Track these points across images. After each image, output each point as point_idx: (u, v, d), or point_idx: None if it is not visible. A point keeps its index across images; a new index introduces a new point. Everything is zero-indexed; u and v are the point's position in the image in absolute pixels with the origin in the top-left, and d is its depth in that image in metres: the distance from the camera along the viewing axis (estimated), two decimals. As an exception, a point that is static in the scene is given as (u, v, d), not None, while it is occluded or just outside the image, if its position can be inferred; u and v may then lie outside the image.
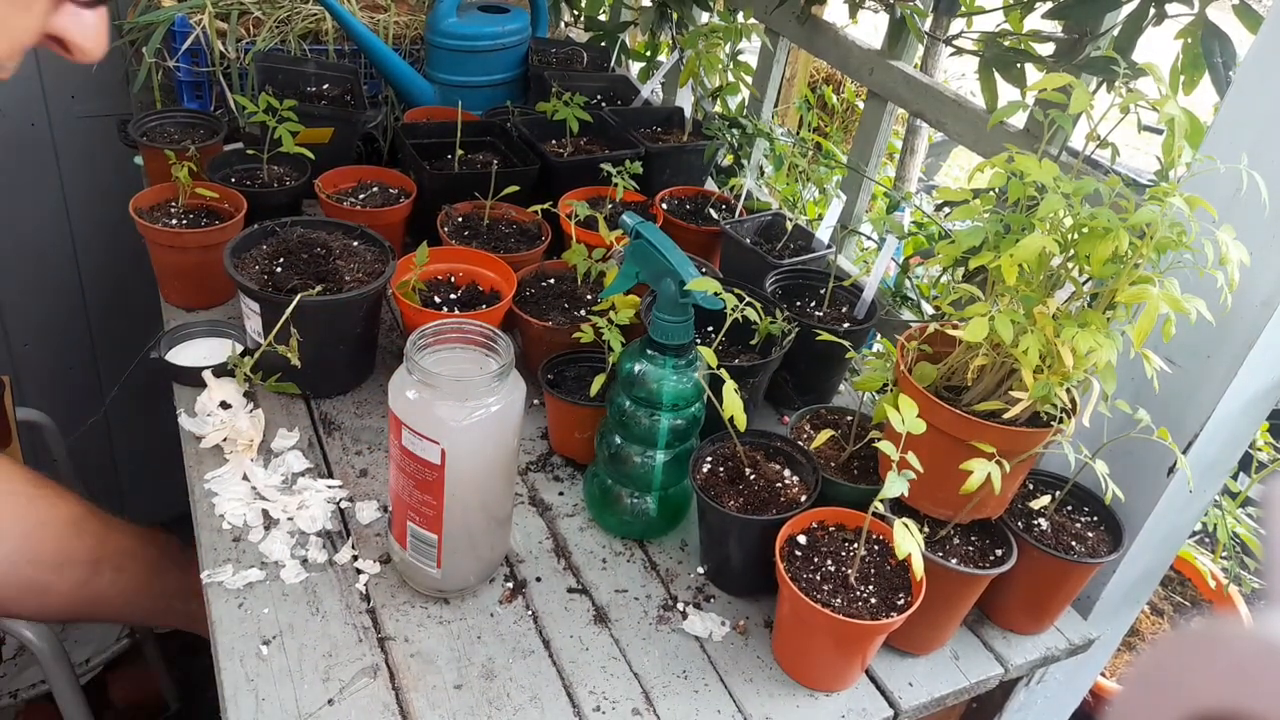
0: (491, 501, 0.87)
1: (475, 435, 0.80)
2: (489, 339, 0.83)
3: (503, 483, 0.87)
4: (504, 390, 0.80)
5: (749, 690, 0.86)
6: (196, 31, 1.52)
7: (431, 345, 0.82)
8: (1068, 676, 1.08)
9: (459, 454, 0.79)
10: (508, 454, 0.85)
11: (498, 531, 0.91)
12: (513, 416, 0.83)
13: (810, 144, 1.95)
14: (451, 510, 0.83)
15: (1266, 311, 0.84)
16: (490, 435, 0.81)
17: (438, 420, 0.77)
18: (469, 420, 0.78)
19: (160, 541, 1.14)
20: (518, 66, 1.68)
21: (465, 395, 0.78)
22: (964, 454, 0.78)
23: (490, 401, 0.79)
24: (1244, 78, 0.83)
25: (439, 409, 0.77)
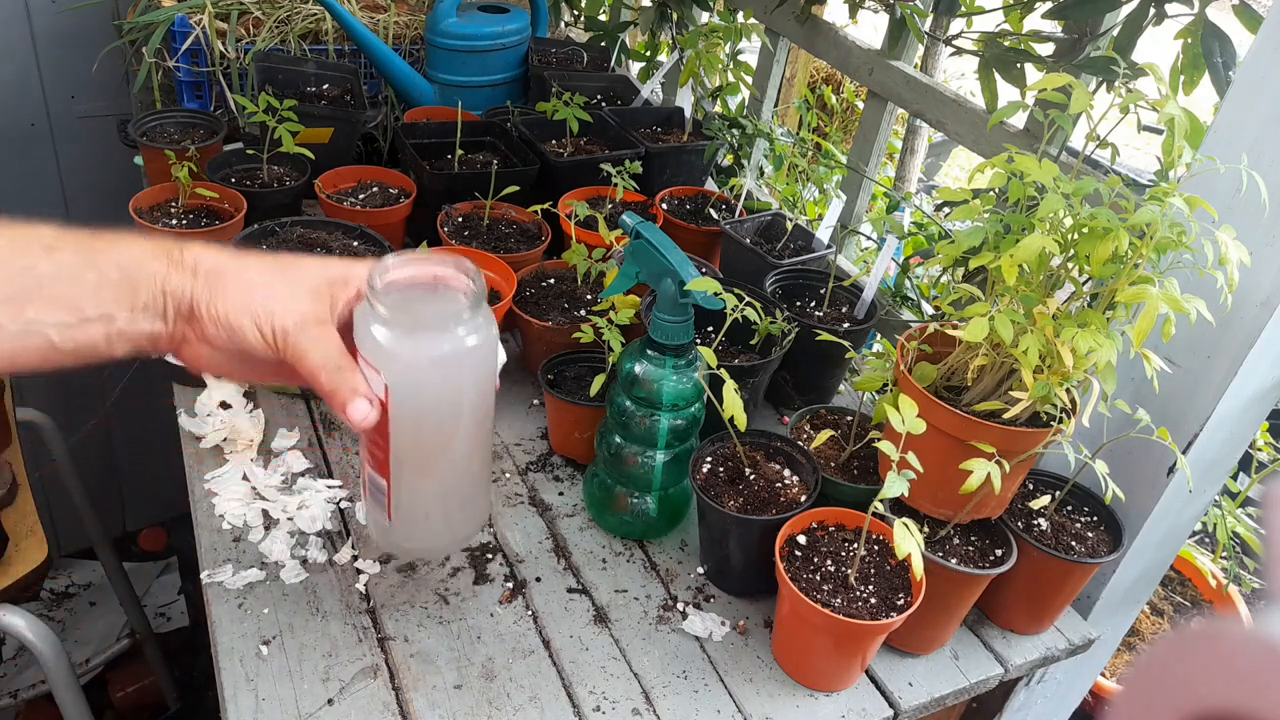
0: (451, 453, 0.76)
1: (425, 371, 0.69)
2: (444, 278, 0.73)
3: (464, 435, 0.75)
4: (470, 323, 0.70)
5: (749, 690, 0.86)
6: (196, 31, 1.52)
7: (393, 284, 0.71)
8: (1068, 676, 1.08)
9: (403, 389, 0.69)
10: (470, 401, 0.74)
11: (464, 492, 0.79)
12: (476, 358, 0.71)
13: (810, 144, 1.95)
14: (400, 455, 0.73)
15: (1266, 311, 0.84)
16: (446, 375, 0.71)
17: (381, 347, 0.67)
18: (415, 352, 0.68)
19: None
20: (518, 66, 1.69)
21: (415, 325, 0.68)
22: (964, 454, 0.78)
23: (452, 333, 0.69)
24: (1244, 78, 0.83)
25: (385, 335, 0.67)
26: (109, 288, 0.61)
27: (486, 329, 0.71)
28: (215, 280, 0.64)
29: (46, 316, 0.59)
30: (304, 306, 0.66)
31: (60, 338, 0.60)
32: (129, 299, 0.62)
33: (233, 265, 0.66)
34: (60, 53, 1.81)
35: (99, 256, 0.62)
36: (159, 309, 0.63)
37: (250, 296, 0.65)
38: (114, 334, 0.62)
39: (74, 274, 0.60)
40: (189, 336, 0.65)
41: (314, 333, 0.66)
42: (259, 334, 0.64)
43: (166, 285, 0.63)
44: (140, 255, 0.63)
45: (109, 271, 0.61)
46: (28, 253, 0.59)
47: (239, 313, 0.64)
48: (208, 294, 0.64)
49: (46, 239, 0.60)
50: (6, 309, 0.58)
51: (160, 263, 0.63)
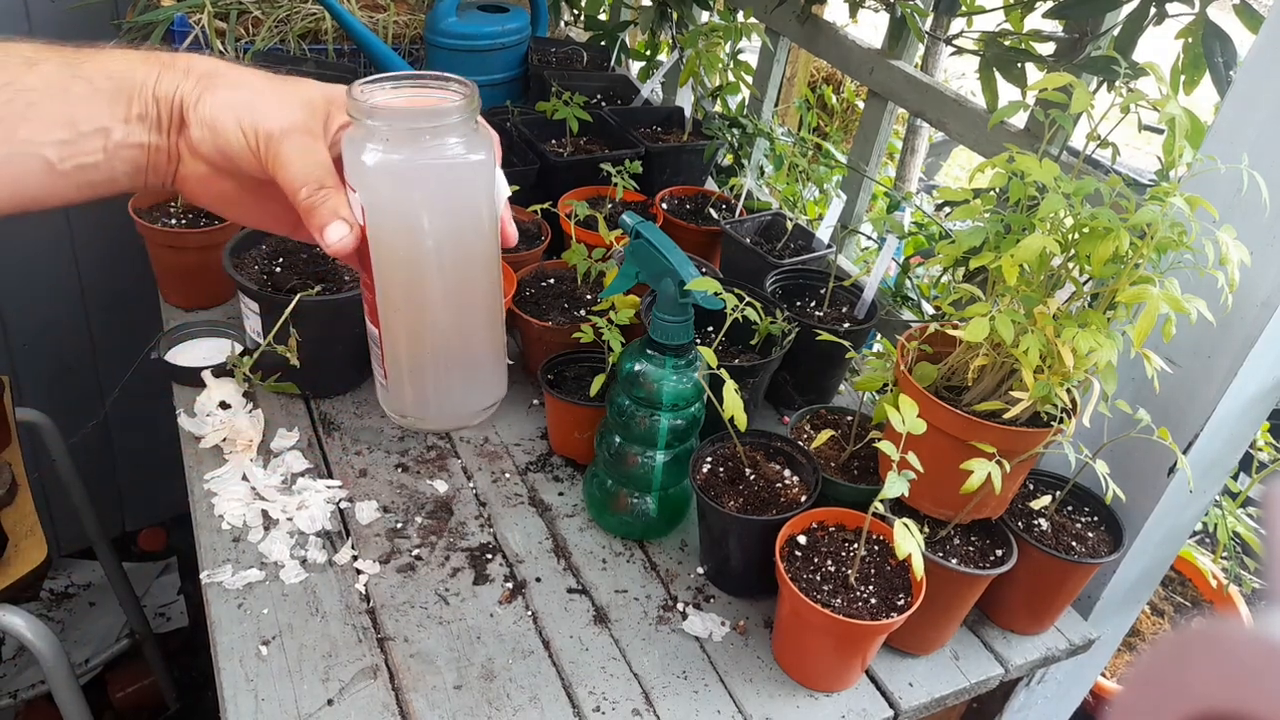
0: (442, 293, 0.66)
1: (402, 187, 0.61)
2: (444, 86, 0.65)
3: (456, 272, 0.65)
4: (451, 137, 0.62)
5: (749, 690, 0.86)
6: (196, 31, 1.52)
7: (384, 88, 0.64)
8: (1068, 677, 1.08)
9: (379, 208, 0.61)
10: (458, 230, 0.64)
11: (464, 352, 0.69)
12: (460, 175, 0.63)
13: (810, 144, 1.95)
14: (385, 293, 0.64)
15: (1267, 311, 0.84)
16: (428, 192, 0.62)
17: (354, 159, 0.60)
18: (389, 162, 0.60)
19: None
20: (518, 66, 1.68)
21: (386, 135, 0.60)
22: (964, 454, 0.78)
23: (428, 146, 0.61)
24: (1244, 77, 0.83)
25: (359, 146, 0.60)
26: (101, 98, 0.57)
27: (477, 147, 0.63)
28: (207, 80, 0.60)
29: (41, 135, 0.55)
30: (294, 115, 0.61)
31: (58, 157, 0.56)
32: (123, 109, 0.58)
33: (227, 68, 0.62)
34: (60, 52, 1.81)
35: (85, 66, 0.57)
36: (153, 117, 0.59)
37: (239, 95, 0.60)
38: (111, 149, 0.57)
39: (62, 86, 0.56)
40: (183, 152, 0.60)
41: (299, 142, 0.60)
42: (241, 135, 0.59)
43: (159, 89, 0.58)
44: (130, 62, 0.59)
45: (99, 81, 0.57)
46: (7, 68, 0.55)
47: (225, 111, 0.59)
48: (197, 93, 0.59)
49: (26, 52, 0.56)
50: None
51: (152, 67, 0.59)
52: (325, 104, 0.63)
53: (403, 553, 0.95)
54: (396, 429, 1.10)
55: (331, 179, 0.61)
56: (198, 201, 0.63)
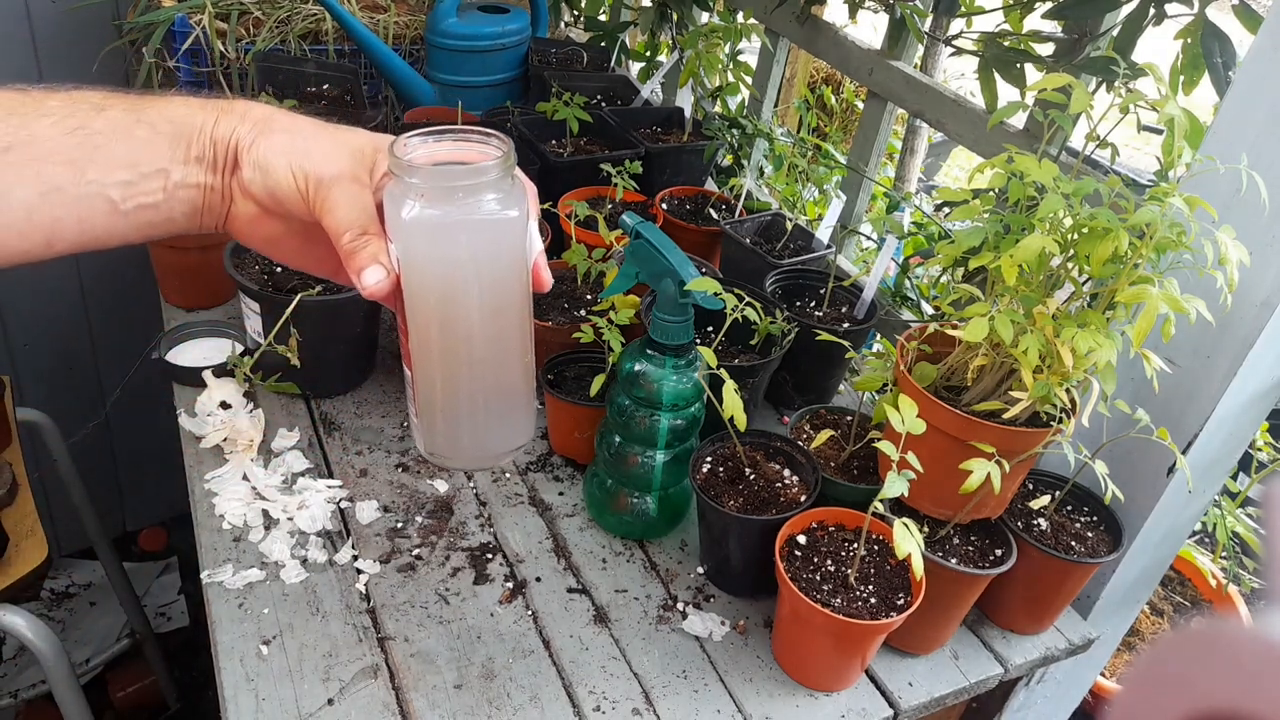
0: (473, 342, 0.68)
1: (437, 241, 0.63)
2: (484, 144, 0.67)
3: (487, 321, 0.67)
4: (486, 194, 0.63)
5: (749, 690, 0.86)
6: (196, 31, 1.52)
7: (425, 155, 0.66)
8: (1068, 676, 1.08)
9: (412, 258, 0.63)
10: (490, 282, 0.66)
11: (496, 396, 0.71)
12: (494, 231, 0.64)
13: (810, 144, 1.95)
14: (419, 339, 0.67)
15: (1266, 311, 0.84)
16: (460, 245, 0.64)
17: (391, 211, 0.62)
18: (425, 217, 0.62)
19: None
20: (518, 66, 1.68)
21: (422, 191, 0.62)
22: (964, 454, 0.78)
23: (463, 203, 0.63)
24: (1244, 78, 0.83)
25: (396, 199, 0.62)
26: (162, 141, 0.60)
27: (511, 205, 0.64)
28: (263, 125, 0.63)
29: (106, 176, 0.58)
30: (343, 162, 0.64)
31: (121, 197, 0.59)
32: (182, 150, 0.61)
33: (282, 114, 0.65)
34: (60, 53, 1.81)
35: (148, 111, 0.60)
36: (209, 159, 0.62)
37: (292, 141, 0.63)
38: (170, 189, 0.60)
39: (127, 130, 0.59)
40: (235, 192, 0.63)
41: (346, 188, 0.63)
42: (292, 179, 0.62)
43: (215, 132, 0.62)
44: (190, 108, 0.62)
45: (160, 125, 0.60)
46: (79, 113, 0.58)
47: (278, 155, 0.62)
48: (252, 136, 0.62)
49: (95, 99, 0.59)
50: (67, 171, 0.57)
51: (210, 112, 0.62)
52: (373, 152, 0.66)
53: (403, 552, 0.95)
54: (397, 429, 1.10)
55: (374, 225, 0.63)
56: (246, 241, 0.66)
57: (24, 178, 0.55)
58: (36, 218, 0.56)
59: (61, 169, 0.56)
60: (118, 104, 0.60)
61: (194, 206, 0.62)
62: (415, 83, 1.60)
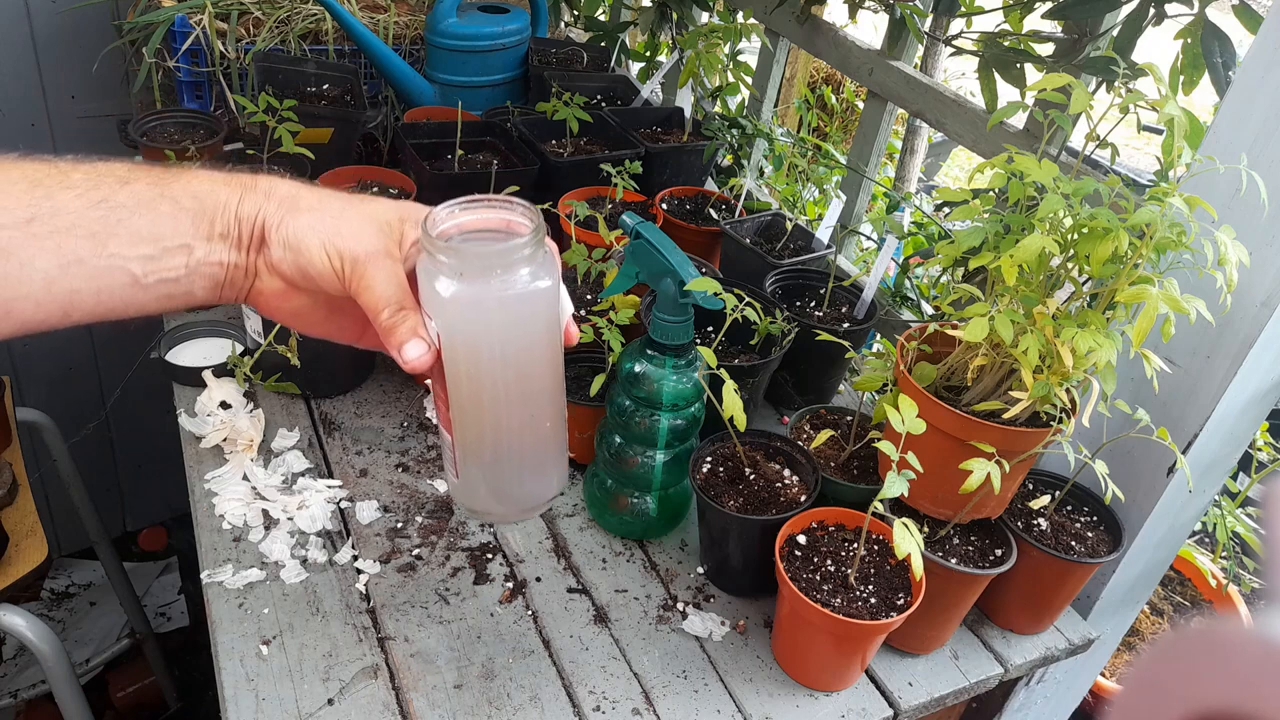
0: (511, 408, 0.71)
1: (472, 317, 0.66)
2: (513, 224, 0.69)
3: (523, 388, 0.71)
4: (522, 269, 0.65)
5: (749, 690, 0.86)
6: (196, 31, 1.52)
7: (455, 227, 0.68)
8: (1068, 676, 1.08)
9: (453, 335, 0.66)
10: (525, 351, 0.69)
11: (532, 453, 0.75)
12: (527, 304, 0.67)
13: (810, 144, 1.95)
14: (459, 408, 0.70)
15: (1266, 311, 0.84)
16: (496, 321, 0.67)
17: (430, 290, 0.65)
18: (461, 297, 0.64)
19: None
20: (518, 66, 1.68)
21: (461, 269, 0.64)
22: (964, 454, 0.78)
23: (500, 279, 0.65)
24: (1244, 78, 0.83)
25: (433, 279, 0.64)
26: (185, 216, 0.60)
27: (544, 274, 0.66)
28: (289, 203, 0.63)
29: (128, 250, 0.57)
30: (374, 238, 0.64)
31: (142, 271, 0.58)
32: (205, 227, 0.61)
33: (308, 191, 0.65)
34: (60, 53, 1.81)
35: (172, 186, 0.60)
36: (234, 236, 0.62)
37: (321, 220, 0.63)
38: (193, 265, 0.60)
39: (150, 204, 0.59)
40: (260, 269, 0.63)
41: (382, 264, 0.64)
42: (326, 259, 0.63)
43: (241, 210, 0.62)
44: (214, 183, 0.62)
45: (184, 200, 0.60)
46: (103, 186, 0.58)
47: (309, 234, 0.62)
48: (279, 216, 0.62)
49: (120, 172, 0.59)
50: (89, 244, 0.56)
51: (234, 189, 0.62)
52: (399, 223, 0.67)
53: (403, 552, 0.95)
54: (397, 429, 1.10)
55: (409, 299, 0.65)
56: (269, 314, 0.67)
57: (45, 249, 0.55)
58: (55, 289, 0.56)
59: (83, 241, 0.56)
60: (142, 178, 0.60)
61: (215, 281, 0.62)
62: (415, 83, 1.60)
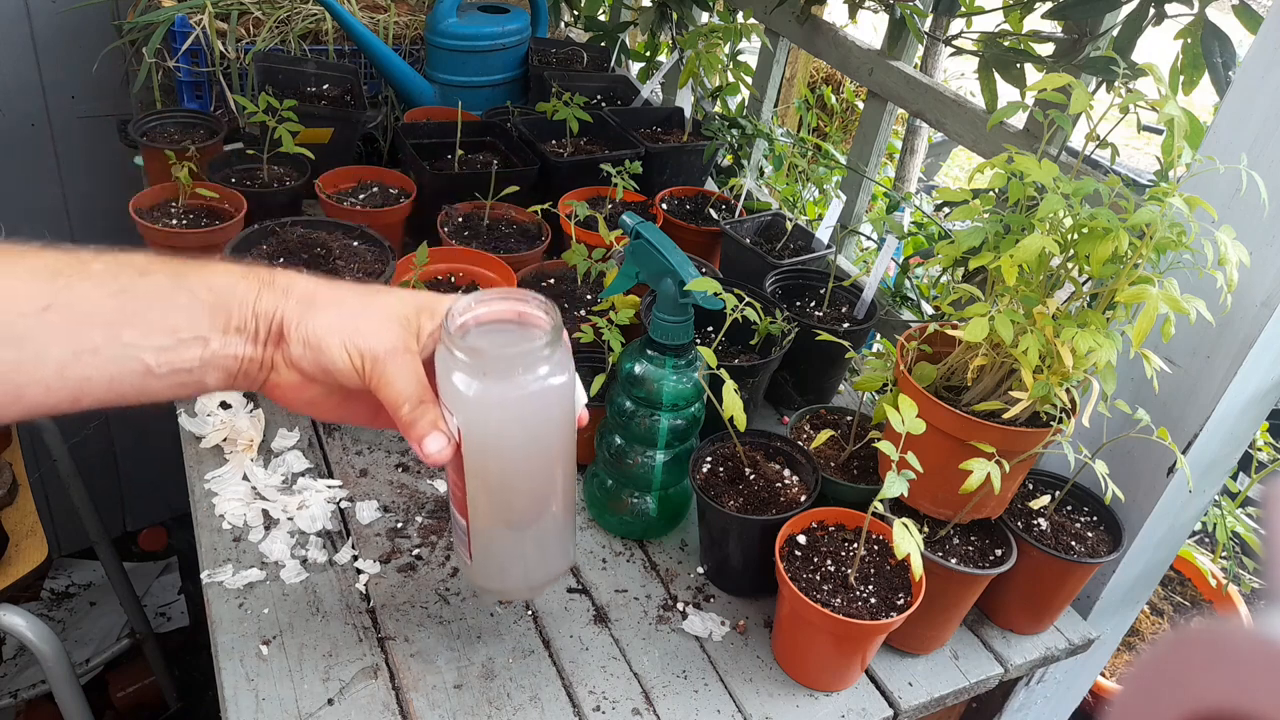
0: (527, 497, 0.75)
1: (494, 416, 0.68)
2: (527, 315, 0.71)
3: (540, 478, 0.74)
4: (541, 367, 0.68)
5: (749, 690, 0.86)
6: (196, 32, 1.52)
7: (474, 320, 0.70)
8: (1068, 676, 1.08)
9: (474, 432, 0.68)
10: (544, 445, 0.72)
11: (544, 536, 0.78)
12: (547, 401, 0.69)
13: (810, 144, 1.95)
14: (476, 496, 0.72)
15: (1266, 311, 0.84)
16: (517, 419, 0.69)
17: (452, 389, 0.67)
18: (484, 397, 0.66)
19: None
20: (518, 66, 1.69)
21: (484, 369, 0.66)
22: (964, 454, 0.78)
23: (521, 378, 0.67)
24: (1244, 78, 0.83)
25: (456, 378, 0.66)
26: (202, 309, 0.61)
27: (562, 369, 0.69)
28: (307, 302, 0.64)
29: (143, 340, 0.58)
30: (393, 334, 0.66)
31: (156, 362, 0.59)
32: (222, 320, 0.61)
33: (325, 288, 0.66)
34: (60, 53, 1.81)
35: (191, 278, 0.61)
36: (250, 331, 0.63)
37: (341, 319, 0.65)
38: (207, 357, 0.61)
39: (168, 295, 0.60)
40: (277, 363, 0.65)
41: (401, 361, 0.65)
42: (346, 357, 0.64)
43: (258, 306, 0.63)
44: (232, 278, 0.63)
45: (201, 293, 0.61)
46: (121, 276, 0.58)
47: (329, 333, 0.64)
48: (298, 314, 0.64)
49: (139, 263, 0.60)
50: (104, 332, 0.57)
51: (252, 284, 0.63)
52: (416, 315, 0.68)
53: (403, 552, 0.95)
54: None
55: (428, 393, 0.67)
56: (283, 404, 0.68)
57: (60, 337, 0.55)
58: (68, 375, 0.56)
59: (99, 331, 0.57)
60: (161, 269, 0.60)
61: (229, 373, 0.63)
62: (415, 83, 1.60)
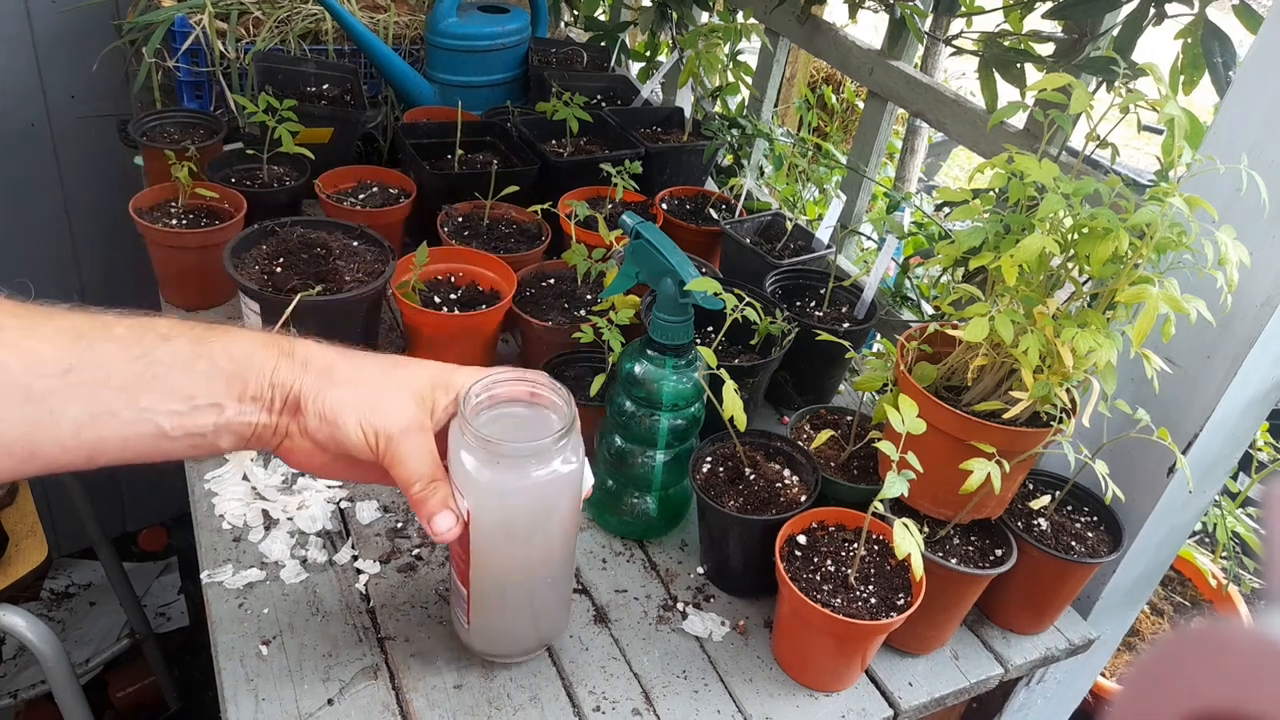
0: (531, 574, 0.77)
1: (504, 503, 0.70)
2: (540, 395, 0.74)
3: (545, 557, 0.77)
4: (547, 460, 0.70)
5: (749, 690, 0.86)
6: (196, 31, 1.52)
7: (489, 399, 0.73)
8: (1068, 676, 1.08)
9: (484, 515, 0.70)
10: (550, 527, 0.74)
11: (543, 606, 0.81)
12: (556, 488, 0.71)
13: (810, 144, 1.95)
14: (480, 569, 0.75)
15: (1266, 311, 0.84)
16: (526, 505, 0.71)
17: (465, 473, 0.69)
18: (497, 483, 0.69)
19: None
20: (518, 66, 1.68)
21: (497, 459, 0.68)
22: (964, 454, 0.78)
23: (532, 470, 0.69)
24: (1244, 78, 0.83)
25: (470, 463, 0.68)
26: (220, 377, 0.62)
27: (572, 457, 0.71)
28: (325, 376, 0.66)
29: (159, 405, 0.59)
30: (408, 412, 0.67)
31: (171, 425, 0.60)
32: (239, 389, 0.63)
33: (344, 361, 0.68)
34: (60, 53, 1.81)
35: (211, 345, 0.62)
36: (266, 400, 0.64)
37: (357, 395, 0.66)
38: (222, 424, 0.62)
39: (187, 362, 0.61)
40: (292, 431, 0.66)
41: (414, 439, 0.67)
42: (361, 435, 0.66)
43: (275, 377, 0.64)
44: (251, 346, 0.64)
45: (220, 361, 0.62)
46: (143, 340, 0.60)
47: (345, 409, 0.65)
48: (316, 388, 0.65)
49: (162, 328, 0.61)
50: (122, 396, 0.58)
51: (270, 354, 0.64)
52: (431, 390, 0.70)
53: (403, 552, 0.95)
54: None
55: (439, 471, 0.69)
56: (295, 466, 0.70)
57: (78, 399, 0.56)
58: (83, 436, 0.57)
59: (117, 394, 0.58)
60: (183, 334, 0.62)
61: (242, 438, 0.64)
62: (415, 83, 1.60)
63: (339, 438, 0.66)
